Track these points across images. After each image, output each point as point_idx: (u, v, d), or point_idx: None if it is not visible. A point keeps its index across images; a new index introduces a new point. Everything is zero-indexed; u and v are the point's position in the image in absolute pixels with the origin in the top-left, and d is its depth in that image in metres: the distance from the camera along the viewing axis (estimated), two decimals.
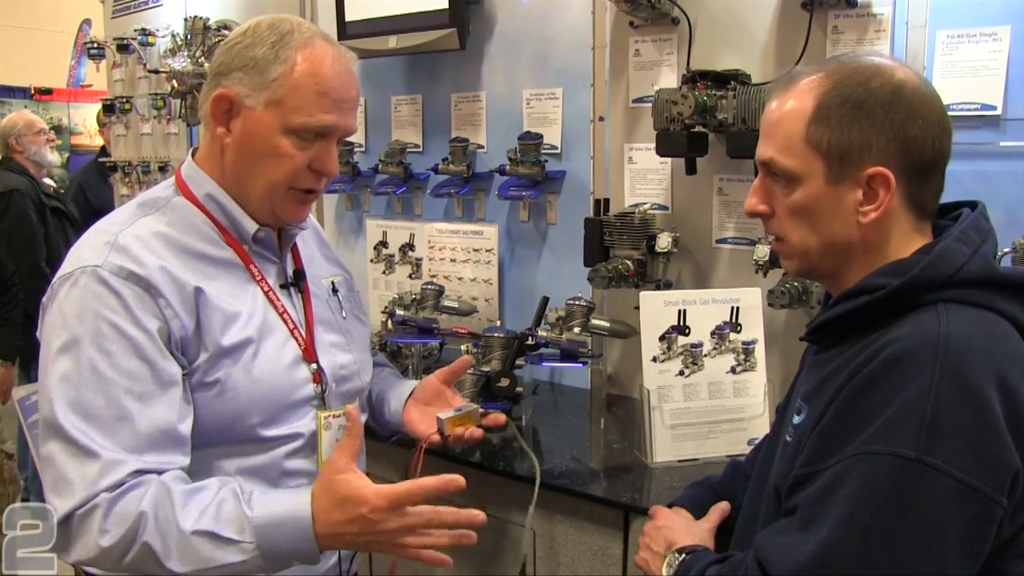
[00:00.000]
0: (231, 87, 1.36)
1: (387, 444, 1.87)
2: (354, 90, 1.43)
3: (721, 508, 1.53)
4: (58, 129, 8.11)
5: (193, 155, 1.48)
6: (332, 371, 1.50)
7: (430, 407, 1.71)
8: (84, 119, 8.30)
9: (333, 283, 1.64)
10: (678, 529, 1.48)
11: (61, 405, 1.24)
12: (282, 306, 1.46)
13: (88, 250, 1.33)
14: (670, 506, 1.58)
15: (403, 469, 1.73)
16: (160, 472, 1.27)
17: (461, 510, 1.33)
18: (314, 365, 1.47)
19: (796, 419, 1.25)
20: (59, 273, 1.33)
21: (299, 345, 1.46)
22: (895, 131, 1.14)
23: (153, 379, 1.28)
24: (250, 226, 1.44)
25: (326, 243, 1.73)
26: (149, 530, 1.21)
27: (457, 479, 1.31)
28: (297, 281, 1.54)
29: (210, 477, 1.32)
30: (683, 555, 1.37)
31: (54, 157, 4.68)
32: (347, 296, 1.66)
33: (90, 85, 8.34)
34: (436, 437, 1.64)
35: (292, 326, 1.46)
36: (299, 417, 1.44)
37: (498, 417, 1.71)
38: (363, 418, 1.64)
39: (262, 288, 1.45)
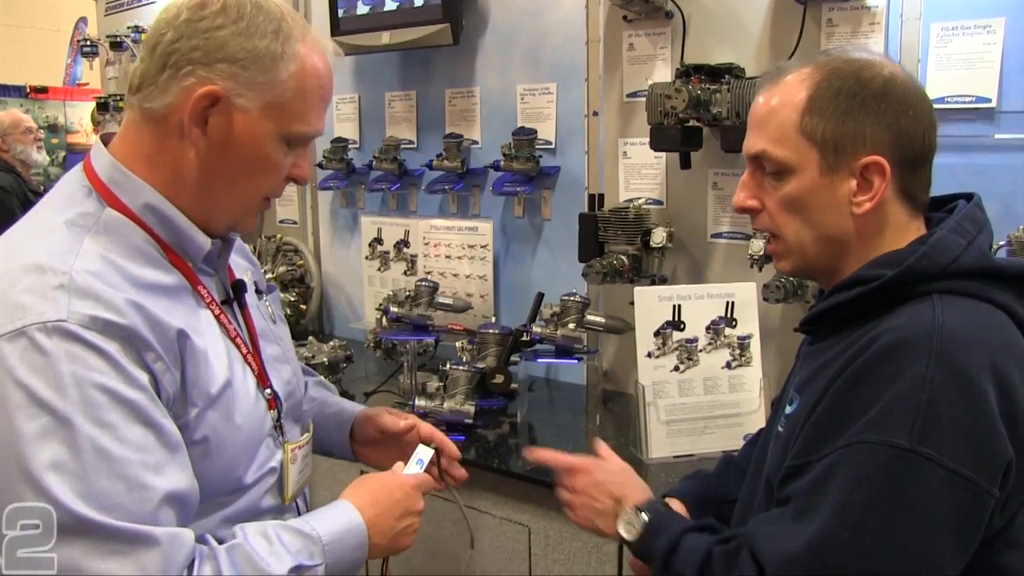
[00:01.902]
0: (215, 81, 1.11)
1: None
2: None
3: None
4: (54, 128, 8.10)
5: (106, 145, 1.19)
6: (280, 389, 1.32)
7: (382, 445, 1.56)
8: (80, 118, 8.24)
9: (256, 284, 1.41)
10: (623, 483, 1.44)
11: (69, 498, 0.97)
12: (234, 329, 1.25)
13: (32, 297, 1.01)
14: (664, 497, 1.57)
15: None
16: None
17: None
18: (268, 390, 1.28)
19: (788, 409, 1.24)
20: None
21: (253, 371, 1.26)
22: (888, 122, 1.14)
23: (161, 445, 1.05)
24: (204, 243, 1.19)
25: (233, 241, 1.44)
26: None
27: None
28: (238, 295, 1.31)
29: (190, 533, 1.11)
30: (644, 514, 1.33)
31: (40, 157, 4.65)
32: (270, 297, 1.45)
33: (86, 83, 8.31)
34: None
35: (245, 351, 1.25)
36: (267, 453, 1.27)
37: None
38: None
39: (212, 311, 1.22)
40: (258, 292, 1.40)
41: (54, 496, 0.97)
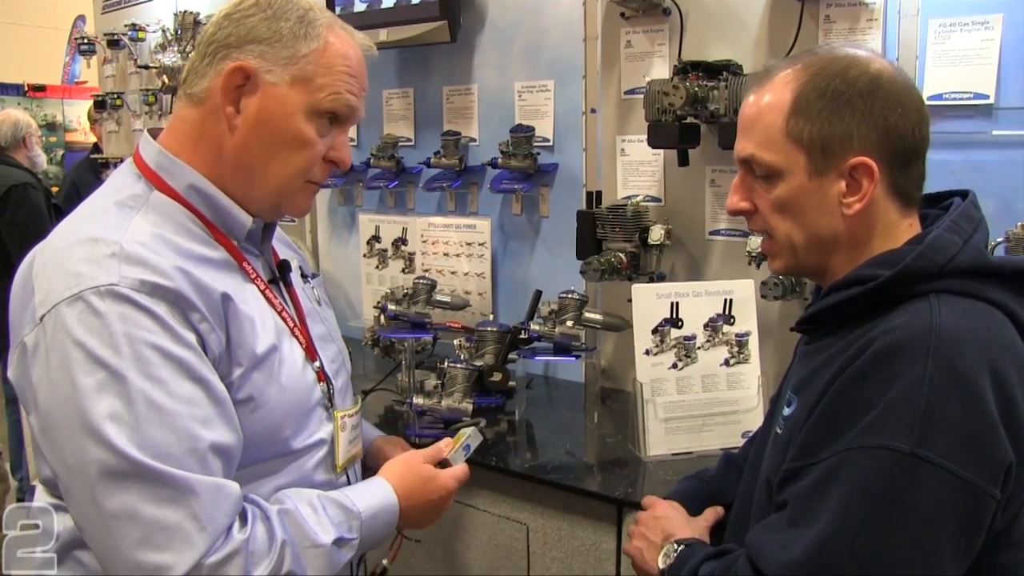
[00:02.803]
0: (246, 60, 1.21)
1: None
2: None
3: (717, 510, 1.52)
4: (52, 126, 8.10)
5: (154, 138, 1.29)
6: (328, 366, 1.39)
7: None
8: (78, 116, 8.23)
9: (301, 268, 1.50)
10: (676, 521, 1.47)
11: (126, 444, 1.04)
12: (280, 304, 1.32)
13: (87, 266, 1.10)
14: (664, 499, 1.57)
15: None
16: None
17: None
18: (317, 363, 1.35)
19: (786, 411, 1.24)
20: (48, 299, 1.10)
21: (301, 344, 1.33)
22: (875, 120, 1.13)
23: (209, 400, 1.13)
24: (245, 220, 1.27)
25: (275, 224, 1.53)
26: (290, 557, 1.15)
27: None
28: (283, 274, 1.40)
29: (236, 485, 1.18)
30: (681, 547, 1.36)
31: (43, 160, 4.74)
32: (315, 281, 1.55)
33: (85, 82, 8.30)
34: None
35: (292, 324, 1.33)
36: (317, 423, 1.33)
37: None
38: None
39: (258, 287, 1.29)
40: (304, 277, 1.49)
41: (113, 443, 1.04)
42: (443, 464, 1.46)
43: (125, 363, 1.06)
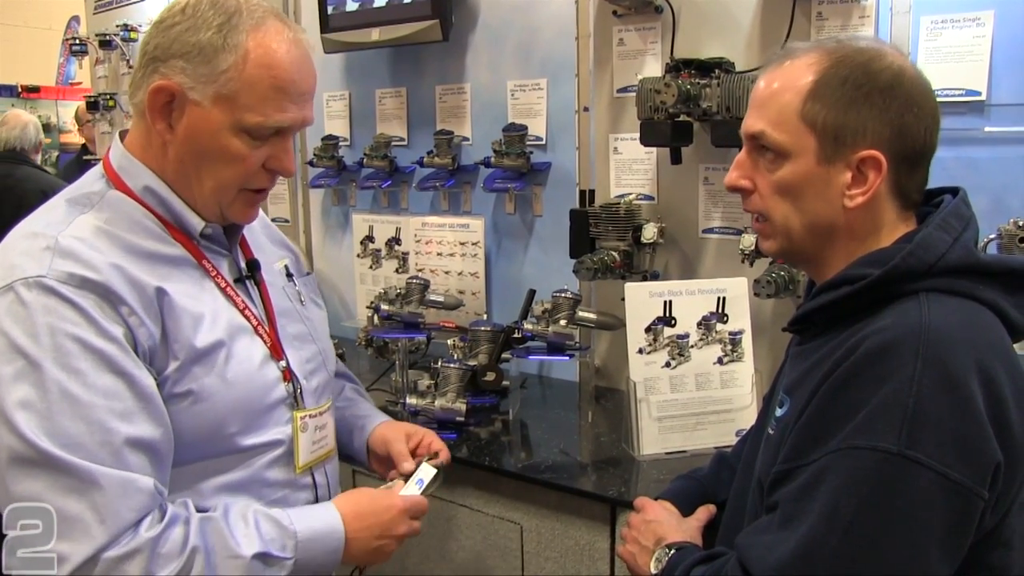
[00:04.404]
0: (171, 77, 1.19)
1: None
2: (312, 79, 1.27)
3: (709, 508, 1.52)
4: (46, 127, 8.07)
5: (122, 140, 1.31)
6: (299, 366, 1.38)
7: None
8: (72, 117, 8.25)
9: (286, 267, 1.50)
10: (667, 524, 1.46)
11: (34, 433, 1.07)
12: (243, 302, 1.32)
13: (23, 258, 1.14)
14: (656, 499, 1.57)
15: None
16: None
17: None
18: (283, 363, 1.34)
19: (778, 412, 1.23)
20: None
21: (265, 343, 1.33)
22: (891, 117, 1.13)
23: (132, 394, 1.13)
24: (196, 223, 1.28)
25: (268, 223, 1.56)
26: (201, 563, 1.14)
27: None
28: (252, 273, 1.39)
29: (186, 498, 1.22)
30: (672, 551, 1.35)
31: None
32: (302, 280, 1.53)
33: (80, 83, 8.28)
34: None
35: (256, 323, 1.33)
36: (275, 423, 1.33)
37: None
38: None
39: (218, 284, 1.30)
40: (289, 275, 1.50)
41: (21, 431, 1.07)
42: None
43: (43, 353, 1.09)
